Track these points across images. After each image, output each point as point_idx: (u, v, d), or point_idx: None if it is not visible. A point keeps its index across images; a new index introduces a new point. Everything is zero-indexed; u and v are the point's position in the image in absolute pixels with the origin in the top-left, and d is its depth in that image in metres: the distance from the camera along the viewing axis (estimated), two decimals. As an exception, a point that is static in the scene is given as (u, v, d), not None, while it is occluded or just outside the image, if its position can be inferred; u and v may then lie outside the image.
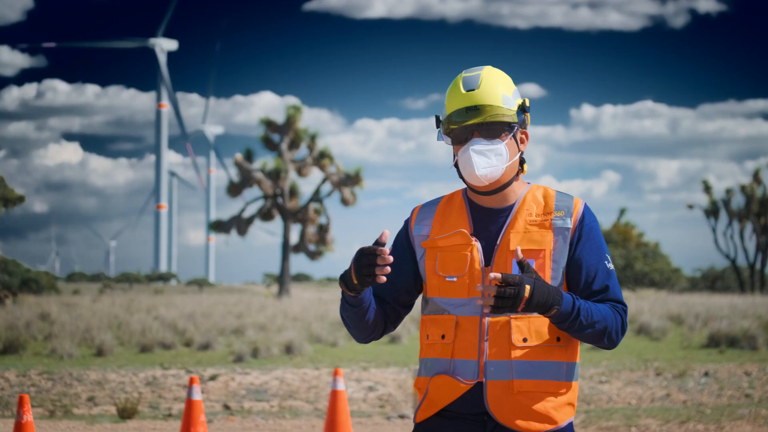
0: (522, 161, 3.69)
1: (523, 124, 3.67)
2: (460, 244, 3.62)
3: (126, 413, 12.38)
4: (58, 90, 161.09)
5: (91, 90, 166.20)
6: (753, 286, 56.51)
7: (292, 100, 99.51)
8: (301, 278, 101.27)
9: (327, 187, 51.02)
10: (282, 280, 51.20)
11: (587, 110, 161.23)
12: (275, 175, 50.39)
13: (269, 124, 51.17)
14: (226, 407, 13.82)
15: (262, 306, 34.91)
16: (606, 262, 3.63)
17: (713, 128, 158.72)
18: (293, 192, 51.13)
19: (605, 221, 64.05)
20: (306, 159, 51.14)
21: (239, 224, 51.61)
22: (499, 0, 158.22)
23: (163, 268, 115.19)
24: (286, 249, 51.08)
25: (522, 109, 3.66)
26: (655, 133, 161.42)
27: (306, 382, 15.93)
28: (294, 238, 51.65)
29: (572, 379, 3.62)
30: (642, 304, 33.69)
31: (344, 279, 3.52)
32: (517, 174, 3.67)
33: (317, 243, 51.99)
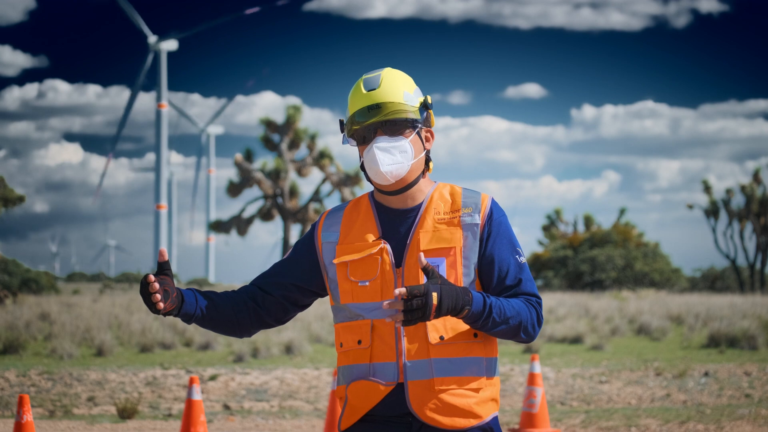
0: (428, 160, 3.68)
1: (426, 122, 3.66)
2: (369, 248, 3.60)
3: (126, 413, 12.38)
4: (60, 90, 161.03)
5: (93, 90, 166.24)
6: (753, 286, 56.49)
7: (294, 100, 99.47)
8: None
9: (327, 187, 51.05)
10: (282, 280, 51.20)
11: (588, 110, 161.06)
12: (275, 175, 50.39)
13: (269, 124, 51.17)
14: (226, 407, 13.82)
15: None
16: (517, 256, 3.63)
17: (714, 128, 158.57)
18: (293, 192, 51.13)
19: (605, 221, 64.10)
20: (306, 159, 51.15)
21: (239, 224, 51.61)
22: (500, 0, 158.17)
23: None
24: (286, 249, 51.07)
25: (425, 107, 3.66)
26: (655, 133, 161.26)
27: (306, 382, 15.93)
28: (294, 238, 51.65)
29: (493, 374, 3.61)
30: (642, 304, 33.68)
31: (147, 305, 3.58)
32: (423, 173, 3.66)
33: (317, 243, 52.02)
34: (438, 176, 3.80)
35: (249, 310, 3.74)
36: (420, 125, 3.64)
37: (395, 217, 3.64)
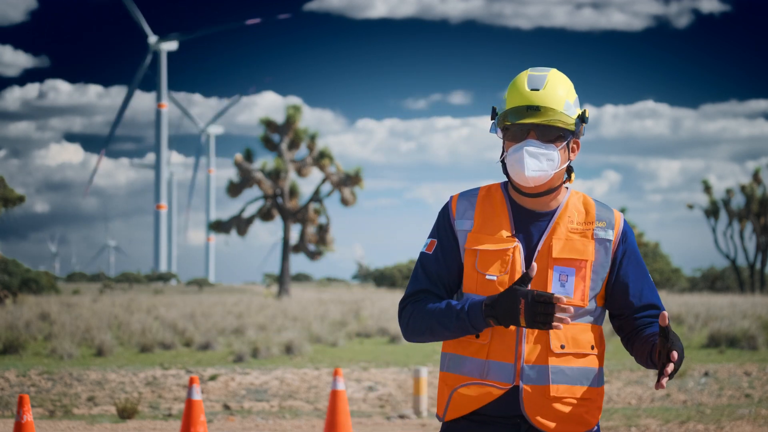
0: (570, 170, 3.65)
1: (577, 134, 3.63)
2: (504, 243, 3.58)
3: (126, 413, 12.38)
4: (60, 90, 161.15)
5: (94, 90, 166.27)
6: (753, 286, 56.49)
7: (294, 100, 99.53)
8: (301, 278, 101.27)
9: (327, 187, 51.03)
10: (282, 280, 51.19)
11: (588, 110, 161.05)
12: (275, 175, 50.38)
13: (269, 124, 51.15)
14: (226, 407, 13.82)
15: (262, 306, 34.91)
16: (649, 277, 3.68)
17: (715, 128, 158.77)
18: (293, 192, 51.12)
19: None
20: (306, 159, 51.14)
21: (239, 224, 51.60)
22: (501, 0, 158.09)
23: (163, 268, 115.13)
24: (286, 249, 51.07)
25: (581, 119, 3.62)
26: (656, 134, 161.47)
27: (306, 382, 15.92)
28: (294, 238, 51.66)
29: (601, 384, 3.65)
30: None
31: (497, 315, 3.44)
32: (564, 182, 3.64)
33: (317, 243, 51.99)
34: (439, 176, 3.79)
35: None
36: (571, 136, 3.60)
37: (528, 218, 3.60)
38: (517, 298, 3.38)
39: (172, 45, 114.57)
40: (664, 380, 3.41)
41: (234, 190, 51.31)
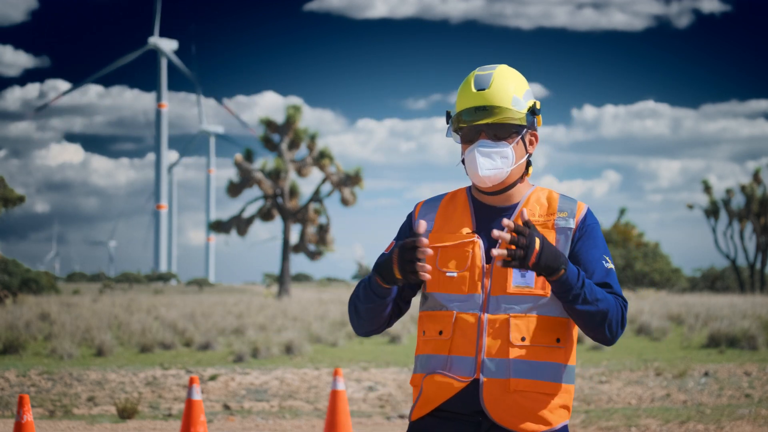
0: (528, 163, 3.67)
1: (532, 126, 3.64)
2: (462, 241, 3.59)
3: (126, 413, 12.38)
4: (61, 90, 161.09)
5: (94, 90, 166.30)
6: (753, 286, 56.50)
7: (295, 100, 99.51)
8: (301, 278, 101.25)
9: (327, 187, 51.03)
10: (282, 280, 51.19)
11: (589, 110, 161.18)
12: (275, 175, 50.38)
13: (269, 124, 51.16)
14: (226, 407, 13.82)
15: (262, 306, 34.91)
16: (604, 262, 3.60)
17: (715, 128, 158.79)
18: (293, 192, 51.12)
19: (605, 221, 64.04)
20: (306, 159, 51.14)
21: (239, 224, 51.60)
22: (502, 0, 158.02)
23: (163, 268, 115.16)
24: (286, 249, 51.08)
25: (532, 112, 3.63)
26: (656, 134, 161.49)
27: (306, 382, 15.92)
28: (294, 238, 51.66)
29: (569, 381, 3.60)
30: (642, 304, 33.68)
31: (381, 272, 3.48)
32: (523, 176, 3.65)
33: (317, 243, 51.99)
34: (439, 176, 3.81)
35: (390, 311, 3.69)
36: (525, 130, 3.62)
37: (491, 214, 3.63)
38: (393, 251, 3.43)
39: (172, 45, 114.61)
40: (494, 251, 3.31)
41: (234, 190, 51.30)
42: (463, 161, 3.65)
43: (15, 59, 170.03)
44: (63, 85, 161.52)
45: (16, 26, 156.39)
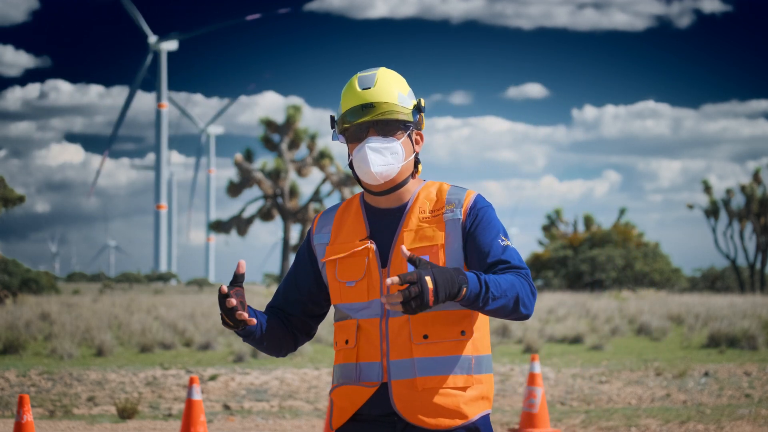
0: (417, 162, 3.68)
1: (418, 125, 3.67)
2: (357, 249, 3.62)
3: (126, 413, 12.38)
4: (62, 90, 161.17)
5: (95, 90, 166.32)
6: (753, 286, 56.50)
7: (295, 100, 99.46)
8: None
9: (327, 187, 51.05)
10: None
11: (589, 110, 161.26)
12: (275, 175, 50.39)
13: (269, 124, 51.17)
14: (226, 407, 13.82)
15: (262, 306, 34.90)
16: (500, 240, 3.57)
17: (715, 129, 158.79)
18: (293, 192, 51.13)
19: (606, 221, 64.05)
20: (306, 159, 51.15)
21: (239, 224, 51.60)
22: (503, 0, 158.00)
23: (163, 268, 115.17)
24: (286, 249, 51.07)
25: (417, 109, 3.66)
26: (657, 134, 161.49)
27: (306, 382, 15.93)
28: (294, 238, 51.65)
29: (483, 371, 3.59)
30: (642, 304, 33.69)
31: (222, 319, 3.56)
32: (412, 174, 3.67)
33: (317, 243, 52.03)
34: (439, 176, 3.82)
35: (288, 330, 3.75)
36: (412, 127, 3.64)
37: (383, 217, 3.65)
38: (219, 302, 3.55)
39: (172, 45, 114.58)
40: (383, 298, 3.29)
41: (234, 190, 51.32)
42: (350, 164, 3.67)
43: (16, 59, 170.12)
44: (63, 85, 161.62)
45: (17, 26, 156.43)
